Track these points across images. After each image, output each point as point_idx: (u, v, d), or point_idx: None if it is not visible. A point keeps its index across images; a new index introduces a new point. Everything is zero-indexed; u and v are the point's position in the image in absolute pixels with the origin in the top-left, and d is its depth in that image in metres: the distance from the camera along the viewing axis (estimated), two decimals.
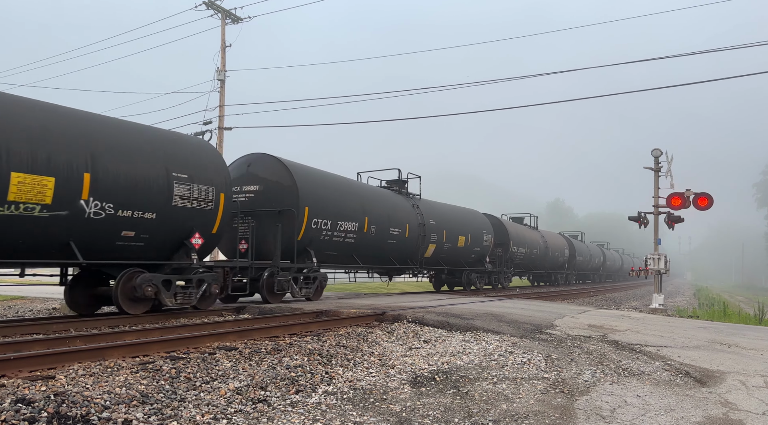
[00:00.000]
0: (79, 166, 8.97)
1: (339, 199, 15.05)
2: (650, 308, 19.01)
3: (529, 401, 5.44)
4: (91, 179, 9.09)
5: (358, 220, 15.54)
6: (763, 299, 27.19)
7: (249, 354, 6.73)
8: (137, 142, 10.17)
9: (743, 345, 9.12)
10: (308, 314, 10.95)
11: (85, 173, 9.03)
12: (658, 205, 19.05)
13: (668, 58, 22.04)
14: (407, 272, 19.98)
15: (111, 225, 9.49)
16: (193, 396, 5.00)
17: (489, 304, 13.37)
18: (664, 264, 18.85)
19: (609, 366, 7.17)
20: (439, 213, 20.60)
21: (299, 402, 5.15)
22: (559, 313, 12.20)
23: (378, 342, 8.36)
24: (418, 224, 18.73)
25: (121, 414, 4.36)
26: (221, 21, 26.59)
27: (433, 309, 11.09)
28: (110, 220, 9.43)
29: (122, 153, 9.74)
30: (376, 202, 17.00)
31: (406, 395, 5.59)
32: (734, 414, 5.20)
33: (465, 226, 22.31)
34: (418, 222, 18.76)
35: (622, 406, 5.34)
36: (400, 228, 17.62)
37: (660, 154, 19.25)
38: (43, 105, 9.28)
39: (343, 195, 15.39)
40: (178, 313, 10.71)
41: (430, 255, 19.65)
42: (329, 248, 14.80)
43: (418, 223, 18.77)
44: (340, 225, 14.91)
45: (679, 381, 6.49)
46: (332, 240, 14.78)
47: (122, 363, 5.90)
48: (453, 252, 21.28)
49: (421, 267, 19.63)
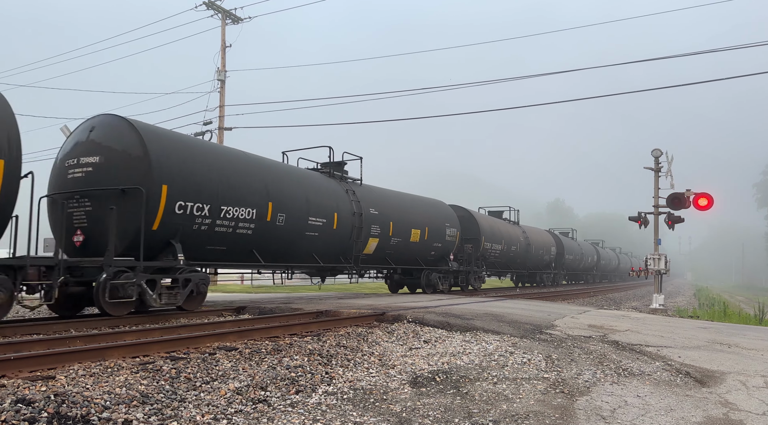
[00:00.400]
0: None
1: (224, 177, 11.71)
2: (650, 308, 19.01)
3: (529, 401, 5.44)
4: None
5: (257, 206, 12.24)
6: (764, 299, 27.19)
7: (249, 354, 6.73)
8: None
9: (743, 345, 9.11)
10: (308, 314, 10.96)
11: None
12: (659, 205, 19.05)
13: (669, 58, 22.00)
14: (344, 272, 16.67)
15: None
16: (193, 396, 5.00)
17: (489, 304, 13.37)
18: (664, 264, 18.85)
19: (609, 366, 7.17)
20: (384, 202, 17.28)
21: (299, 402, 5.15)
22: (560, 313, 12.20)
23: (378, 342, 8.36)
24: (352, 213, 15.41)
25: (121, 414, 4.36)
26: (221, 21, 26.61)
27: (433, 310, 11.09)
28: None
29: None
30: (289, 184, 13.44)
31: (407, 395, 5.59)
32: (734, 415, 5.19)
33: (421, 218, 18.95)
34: (352, 212, 15.44)
35: (622, 406, 5.34)
36: (324, 217, 14.26)
37: (660, 154, 19.25)
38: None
39: (232, 173, 11.95)
40: (178, 314, 10.71)
41: (372, 252, 16.54)
42: (211, 241, 11.60)
43: (353, 212, 15.44)
44: (226, 212, 11.53)
45: (680, 382, 6.49)
46: (215, 232, 11.51)
47: (122, 364, 5.90)
48: (405, 248, 18.09)
49: (359, 266, 16.30)
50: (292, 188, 13.57)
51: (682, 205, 18.03)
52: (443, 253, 20.61)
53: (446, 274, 20.82)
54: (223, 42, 26.42)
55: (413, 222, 18.43)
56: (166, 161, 10.64)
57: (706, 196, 17.81)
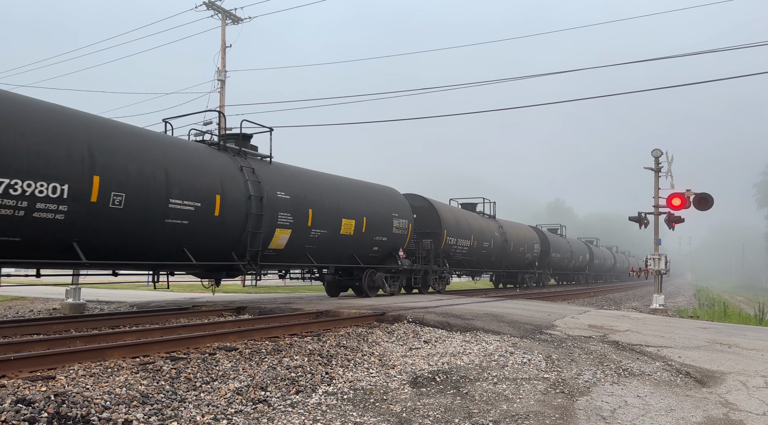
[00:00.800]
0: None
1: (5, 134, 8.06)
2: (650, 308, 19.00)
3: (529, 401, 5.44)
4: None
5: (70, 181, 8.66)
6: (764, 299, 27.19)
7: (249, 354, 6.73)
8: None
9: (743, 345, 9.11)
10: (308, 314, 10.96)
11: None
12: (659, 205, 19.06)
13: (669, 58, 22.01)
14: (233, 273, 13.00)
15: None
16: (193, 396, 5.00)
17: (489, 305, 13.38)
18: (665, 264, 18.85)
19: (609, 366, 7.17)
20: (301, 185, 13.56)
21: (299, 402, 5.15)
22: (560, 314, 12.20)
23: (378, 342, 8.36)
24: (246, 197, 11.70)
25: (121, 414, 4.36)
26: (221, 21, 26.61)
27: (433, 310, 11.09)
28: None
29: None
30: (133, 153, 9.84)
31: (407, 395, 5.59)
32: (735, 415, 5.19)
33: (356, 206, 15.17)
34: (246, 195, 11.71)
35: (622, 406, 5.34)
36: (198, 201, 10.72)
37: (660, 154, 19.25)
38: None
39: (24, 130, 8.32)
40: (178, 313, 10.71)
41: (282, 247, 12.87)
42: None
43: (248, 196, 11.73)
44: (13, 187, 7.98)
45: (680, 382, 6.49)
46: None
47: (122, 364, 5.90)
48: (333, 242, 14.31)
49: (258, 265, 12.46)
50: (139, 159, 9.90)
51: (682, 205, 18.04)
52: (391, 249, 16.80)
53: (397, 274, 17.29)
54: (223, 42, 26.43)
55: (344, 211, 14.67)
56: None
57: (706, 197, 17.81)
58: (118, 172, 9.45)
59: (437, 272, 19.92)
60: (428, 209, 20.66)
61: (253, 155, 13.11)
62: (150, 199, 9.94)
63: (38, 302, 14.91)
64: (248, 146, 13.09)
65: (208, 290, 18.86)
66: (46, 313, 12.88)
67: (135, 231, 9.89)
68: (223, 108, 25.85)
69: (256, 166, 12.50)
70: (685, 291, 51.82)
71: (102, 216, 9.23)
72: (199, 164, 11.20)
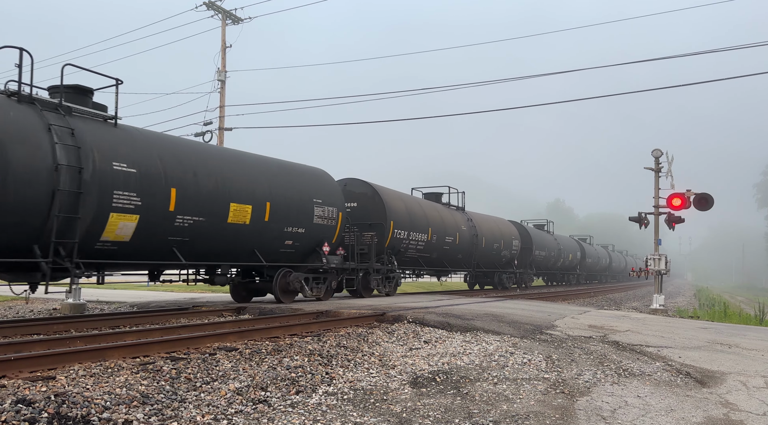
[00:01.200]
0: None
1: None
2: (651, 308, 19.01)
3: (529, 401, 5.44)
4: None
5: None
6: (764, 299, 27.20)
7: (249, 354, 6.74)
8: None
9: (744, 345, 9.11)
10: (309, 314, 10.96)
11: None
12: (659, 205, 19.06)
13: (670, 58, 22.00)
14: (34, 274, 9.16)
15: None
16: (193, 396, 5.00)
17: (489, 305, 13.38)
18: (665, 264, 18.86)
19: (609, 366, 7.17)
20: (160, 156, 10.27)
21: (300, 402, 5.15)
22: (560, 314, 12.20)
23: (378, 342, 8.36)
24: (52, 167, 8.57)
25: (121, 414, 4.36)
26: (221, 22, 26.62)
27: (433, 310, 11.10)
28: None
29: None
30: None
31: (407, 395, 5.59)
32: (735, 415, 5.19)
33: (255, 188, 12.01)
34: (52, 164, 8.57)
35: (622, 407, 5.34)
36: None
37: (660, 154, 19.25)
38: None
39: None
40: (178, 313, 10.71)
41: (126, 238, 9.68)
42: None
43: (55, 166, 8.60)
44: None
45: (680, 382, 6.49)
46: None
47: (123, 364, 5.90)
48: (219, 234, 11.20)
49: (74, 261, 8.93)
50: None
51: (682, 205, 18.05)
52: (314, 244, 13.67)
53: (325, 274, 14.07)
54: (223, 42, 26.43)
55: (234, 193, 11.45)
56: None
57: (706, 197, 17.82)
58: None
59: (381, 271, 16.58)
60: (371, 196, 17.03)
61: (87, 114, 9.75)
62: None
63: (38, 302, 14.92)
64: (87, 103, 9.91)
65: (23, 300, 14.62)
66: (47, 313, 12.89)
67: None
68: (223, 108, 25.86)
69: (82, 127, 9.21)
70: (686, 292, 51.84)
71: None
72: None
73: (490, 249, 24.90)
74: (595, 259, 46.75)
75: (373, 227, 16.66)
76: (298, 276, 13.17)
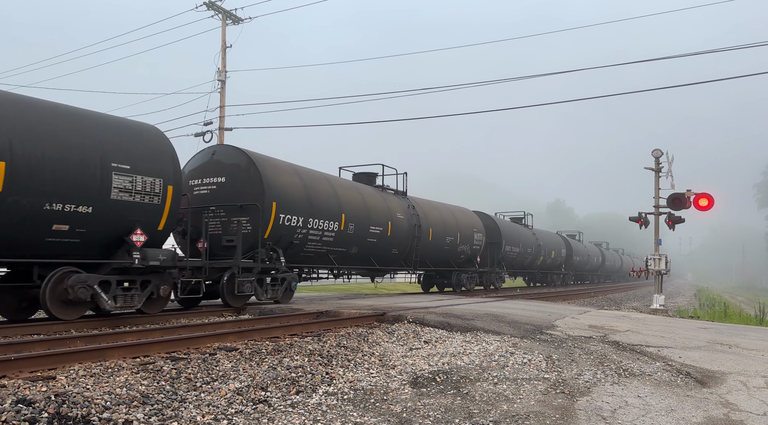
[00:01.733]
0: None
1: None
2: (651, 309, 19.02)
3: (529, 401, 5.44)
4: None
5: None
6: (764, 300, 27.19)
7: (249, 354, 6.74)
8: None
9: (744, 345, 9.11)
10: (309, 315, 10.96)
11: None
12: (659, 205, 19.06)
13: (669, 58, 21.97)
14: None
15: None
16: (193, 396, 5.00)
17: (489, 305, 13.39)
18: (665, 264, 18.86)
19: (610, 366, 7.17)
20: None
21: (300, 402, 5.15)
22: (560, 314, 12.20)
23: (378, 342, 8.36)
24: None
25: (121, 414, 4.36)
26: (222, 22, 26.61)
27: (433, 310, 11.09)
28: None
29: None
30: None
31: (407, 395, 5.59)
32: (735, 415, 5.19)
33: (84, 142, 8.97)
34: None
35: (622, 407, 5.34)
36: None
37: (660, 154, 19.27)
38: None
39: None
40: (178, 313, 10.71)
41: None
42: None
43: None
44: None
45: (680, 382, 6.49)
46: None
47: (123, 364, 5.90)
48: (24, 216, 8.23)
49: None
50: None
51: (682, 205, 18.05)
52: (115, 231, 9.47)
53: (145, 276, 9.89)
54: (223, 42, 26.43)
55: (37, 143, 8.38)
56: None
57: (706, 196, 17.82)
58: None
59: (255, 272, 12.03)
60: (245, 168, 12.53)
61: None
62: None
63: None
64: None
65: None
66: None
67: None
68: (223, 108, 25.85)
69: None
70: (686, 292, 51.85)
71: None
72: None
73: (441, 244, 20.16)
74: (585, 257, 41.81)
75: (245, 210, 12.25)
76: (85, 280, 8.94)
